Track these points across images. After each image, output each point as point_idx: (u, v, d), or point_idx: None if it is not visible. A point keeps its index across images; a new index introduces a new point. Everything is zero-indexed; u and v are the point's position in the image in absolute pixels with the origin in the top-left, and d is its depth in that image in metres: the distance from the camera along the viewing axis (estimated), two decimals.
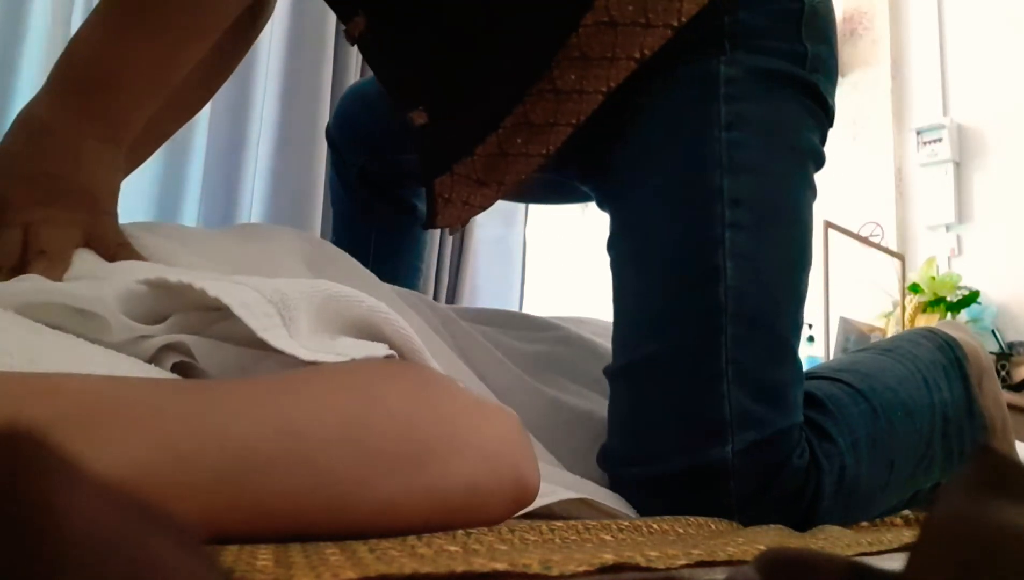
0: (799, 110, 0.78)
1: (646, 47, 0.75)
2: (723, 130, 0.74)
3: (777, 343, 0.73)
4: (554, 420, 0.80)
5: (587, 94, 0.77)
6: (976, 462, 0.19)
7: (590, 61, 0.77)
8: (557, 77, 0.78)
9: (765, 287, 0.72)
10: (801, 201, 0.78)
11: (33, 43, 1.42)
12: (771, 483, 0.69)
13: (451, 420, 0.42)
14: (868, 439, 0.74)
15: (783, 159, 0.77)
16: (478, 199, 0.86)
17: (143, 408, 0.33)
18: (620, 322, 0.78)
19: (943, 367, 0.86)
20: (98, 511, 0.13)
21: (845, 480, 0.72)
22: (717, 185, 0.73)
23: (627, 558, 0.33)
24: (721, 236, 0.72)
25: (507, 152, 0.82)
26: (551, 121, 0.79)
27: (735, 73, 0.75)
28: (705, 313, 0.71)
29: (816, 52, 0.79)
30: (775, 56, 0.77)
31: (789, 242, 0.76)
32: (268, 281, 0.43)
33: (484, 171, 0.84)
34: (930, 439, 0.81)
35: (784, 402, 0.71)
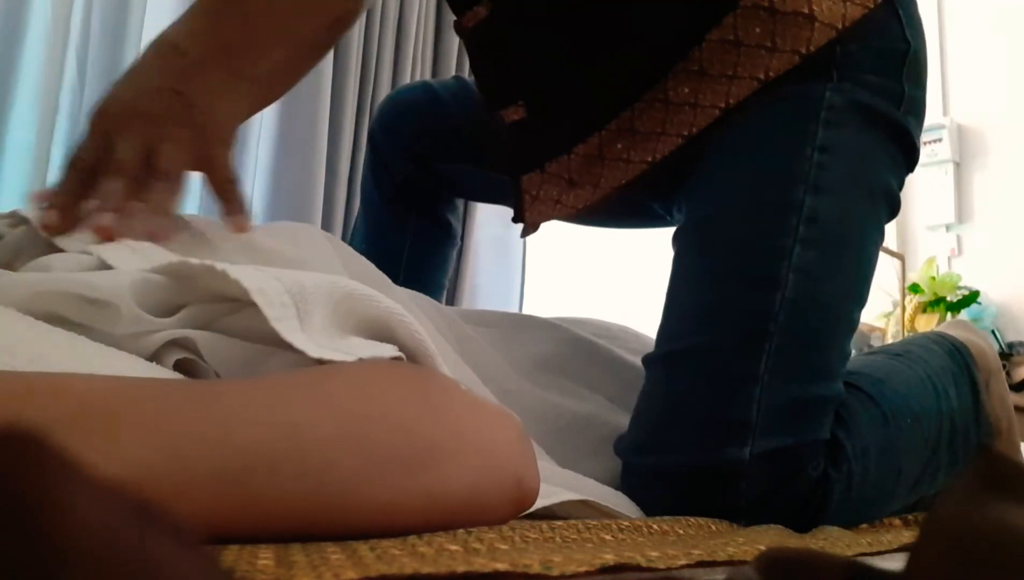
0: (888, 153, 0.79)
1: (771, 69, 0.76)
2: (816, 151, 0.75)
3: (820, 363, 0.73)
4: (555, 425, 0.80)
5: (702, 108, 0.78)
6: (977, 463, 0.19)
7: (706, 76, 0.77)
8: (670, 88, 0.78)
9: (820, 307, 0.73)
10: (871, 238, 0.79)
11: (33, 43, 1.42)
12: (781, 489, 0.69)
13: (453, 422, 0.42)
14: (877, 446, 0.74)
15: (863, 193, 0.78)
16: (571, 199, 0.86)
17: (144, 408, 0.33)
18: (670, 311, 0.78)
19: (952, 373, 0.86)
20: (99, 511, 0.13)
21: (852, 487, 0.72)
22: (798, 199, 0.73)
23: (628, 558, 0.33)
24: (790, 248, 0.72)
25: (605, 156, 0.83)
26: (658, 130, 0.80)
27: (838, 101, 0.76)
28: (755, 316, 0.71)
29: (912, 94, 0.79)
30: (876, 93, 0.78)
31: (852, 270, 0.76)
32: (289, 272, 0.43)
33: (578, 171, 0.84)
34: (936, 445, 0.81)
35: (814, 418, 0.71)
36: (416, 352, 0.44)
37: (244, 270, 0.41)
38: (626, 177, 0.83)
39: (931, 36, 3.15)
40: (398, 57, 2.18)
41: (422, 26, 2.25)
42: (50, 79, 1.44)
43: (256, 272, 0.41)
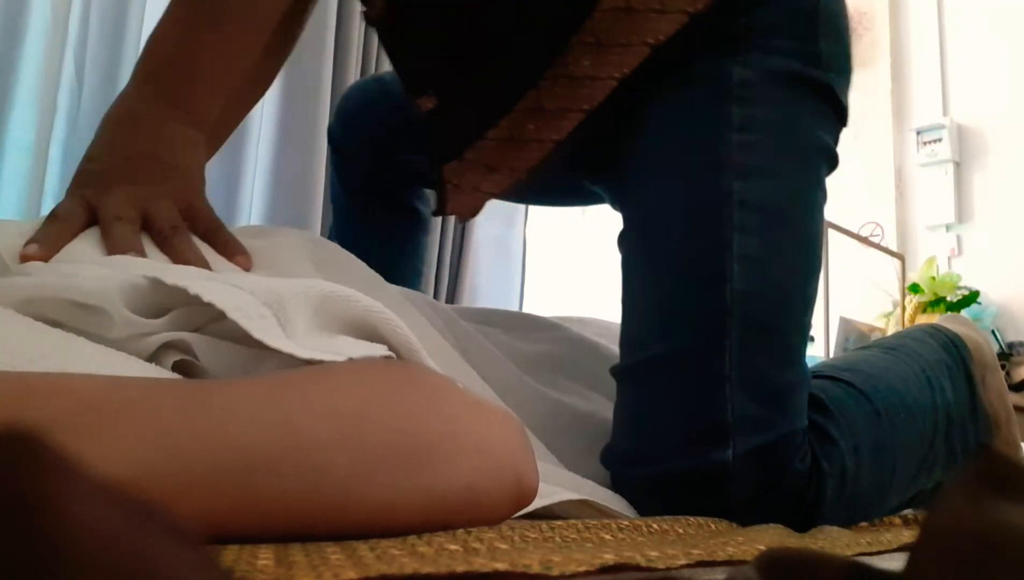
0: (813, 111, 0.78)
1: (660, 32, 0.75)
2: (735, 132, 0.74)
3: (783, 347, 0.72)
4: (555, 421, 0.80)
5: (600, 80, 0.77)
6: (976, 462, 0.19)
7: (604, 47, 0.76)
8: (571, 62, 0.77)
9: (772, 291, 0.72)
10: (811, 206, 0.77)
11: (33, 43, 1.42)
12: (772, 487, 0.69)
13: (450, 420, 0.42)
14: (871, 442, 0.74)
15: (794, 163, 0.76)
16: (487, 185, 0.86)
17: (143, 408, 0.33)
18: (628, 320, 0.78)
19: (947, 367, 0.86)
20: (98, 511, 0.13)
21: (847, 484, 0.71)
22: (727, 187, 0.73)
23: (627, 558, 0.33)
24: (729, 239, 0.72)
25: (518, 138, 0.82)
26: (563, 107, 0.79)
27: (749, 75, 0.75)
28: (710, 315, 0.71)
29: (830, 50, 0.78)
30: (789, 56, 0.76)
31: (798, 247, 0.76)
32: (263, 282, 0.43)
33: (495, 156, 0.84)
34: (932, 440, 0.81)
35: (788, 406, 0.71)
36: (400, 348, 0.44)
37: (217, 289, 0.40)
38: (537, 157, 0.82)
39: (931, 36, 3.17)
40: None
41: None
42: (49, 79, 1.44)
43: (227, 289, 0.41)
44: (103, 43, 1.56)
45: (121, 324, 0.42)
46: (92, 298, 0.42)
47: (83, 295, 0.42)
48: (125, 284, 0.43)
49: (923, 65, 3.14)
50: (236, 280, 0.43)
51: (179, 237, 0.58)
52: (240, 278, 0.44)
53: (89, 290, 0.42)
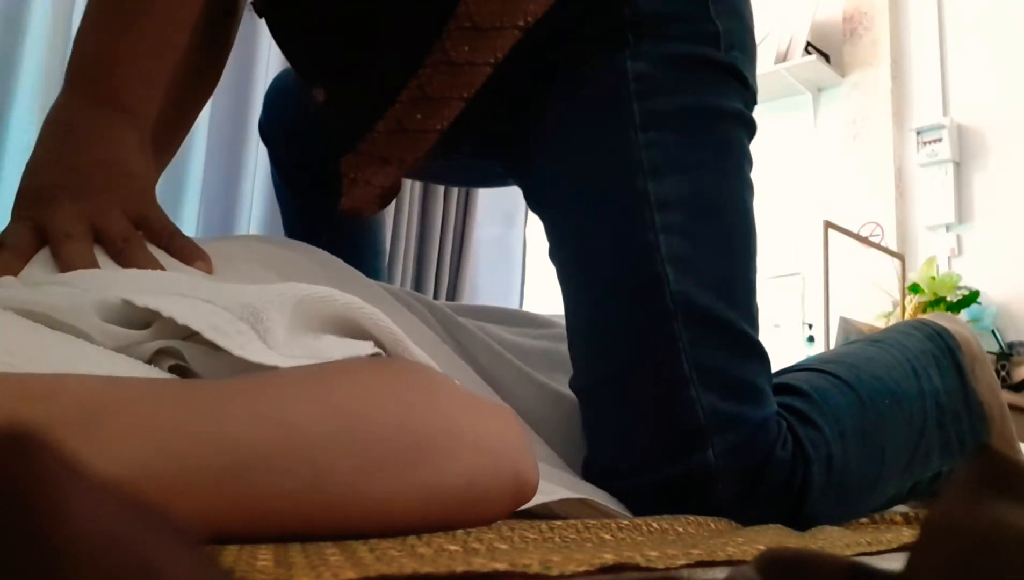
0: (716, 90, 0.76)
1: (529, 14, 0.73)
2: (639, 131, 0.72)
3: (736, 338, 0.71)
4: (556, 412, 0.80)
5: (477, 66, 0.75)
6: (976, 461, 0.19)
7: (481, 31, 0.74)
8: (450, 48, 0.75)
9: (710, 285, 0.71)
10: (735, 187, 0.75)
11: (33, 43, 1.42)
12: (758, 479, 0.68)
13: (447, 416, 0.42)
14: (856, 429, 0.74)
15: (707, 149, 0.74)
16: (380, 178, 0.84)
17: (141, 408, 0.33)
18: (575, 337, 0.77)
19: (933, 356, 0.86)
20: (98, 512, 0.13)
21: (834, 469, 0.71)
22: (642, 190, 0.71)
23: (627, 558, 0.33)
24: (655, 242, 0.70)
25: (407, 128, 0.79)
26: (446, 95, 0.77)
27: (643, 68, 0.73)
28: (656, 322, 0.70)
29: (728, 28, 0.76)
30: (684, 40, 0.74)
31: (727, 234, 0.74)
32: (234, 292, 0.42)
33: (386, 148, 0.81)
34: (923, 427, 0.80)
35: (755, 395, 0.71)
36: (385, 341, 0.44)
37: (190, 309, 0.40)
38: (424, 148, 0.80)
39: (931, 36, 3.17)
40: None
41: None
42: (50, 80, 1.44)
43: (202, 305, 0.40)
44: None
45: (100, 337, 0.41)
46: (65, 314, 0.41)
47: (56, 311, 0.41)
48: (98, 301, 0.43)
49: (923, 65, 3.14)
50: (208, 294, 0.42)
51: (133, 248, 0.56)
52: (211, 292, 0.43)
53: (61, 306, 0.42)
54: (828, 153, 3.26)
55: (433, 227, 2.15)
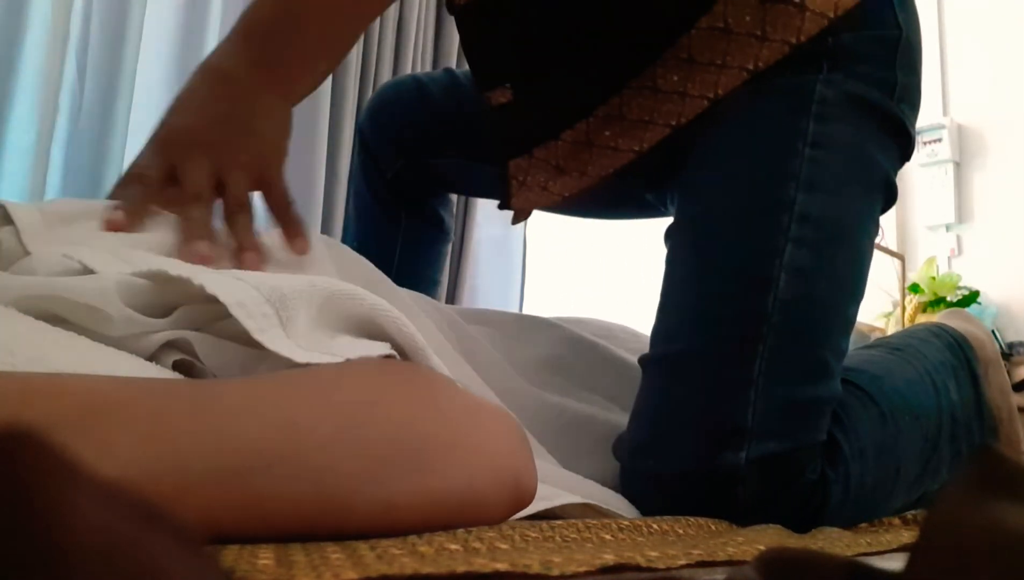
0: (880, 143, 0.78)
1: (761, 60, 0.75)
2: (808, 146, 0.74)
3: (815, 362, 0.72)
4: (556, 423, 0.80)
5: (691, 97, 0.77)
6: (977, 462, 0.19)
7: (696, 65, 0.76)
8: (659, 76, 0.77)
9: (814, 306, 0.72)
10: (865, 233, 0.77)
11: (33, 43, 1.42)
12: (779, 492, 0.68)
13: (450, 420, 0.42)
14: (875, 446, 0.74)
15: (857, 188, 0.76)
16: (558, 186, 0.85)
17: (143, 408, 0.33)
18: (664, 312, 0.77)
19: (952, 368, 0.85)
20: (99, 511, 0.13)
21: (851, 488, 0.71)
22: (790, 197, 0.73)
23: (627, 558, 0.33)
24: (782, 248, 0.72)
25: (594, 142, 0.81)
26: (646, 119, 0.79)
27: (829, 94, 0.75)
28: (748, 319, 0.71)
29: (905, 82, 0.78)
30: (868, 83, 0.76)
31: (847, 267, 0.76)
32: (268, 278, 0.42)
33: (566, 158, 0.83)
34: (937, 442, 0.80)
35: (810, 421, 0.71)
36: (406, 347, 0.44)
37: (222, 282, 0.40)
38: (614, 165, 0.82)
39: (931, 36, 3.16)
40: (398, 56, 2.18)
41: (422, 25, 2.24)
42: (50, 80, 1.44)
43: (234, 282, 0.41)
44: (105, 44, 1.56)
45: (121, 322, 0.41)
46: (89, 297, 0.42)
47: (80, 294, 0.42)
48: (124, 283, 0.43)
49: (923, 65, 3.14)
50: (240, 273, 0.43)
51: (241, 216, 0.60)
52: (244, 273, 0.44)
53: (84, 289, 0.42)
54: None
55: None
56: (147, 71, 1.63)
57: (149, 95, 1.63)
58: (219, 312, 0.42)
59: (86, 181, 1.51)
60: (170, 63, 1.71)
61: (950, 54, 3.08)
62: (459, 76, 1.04)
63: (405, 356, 0.44)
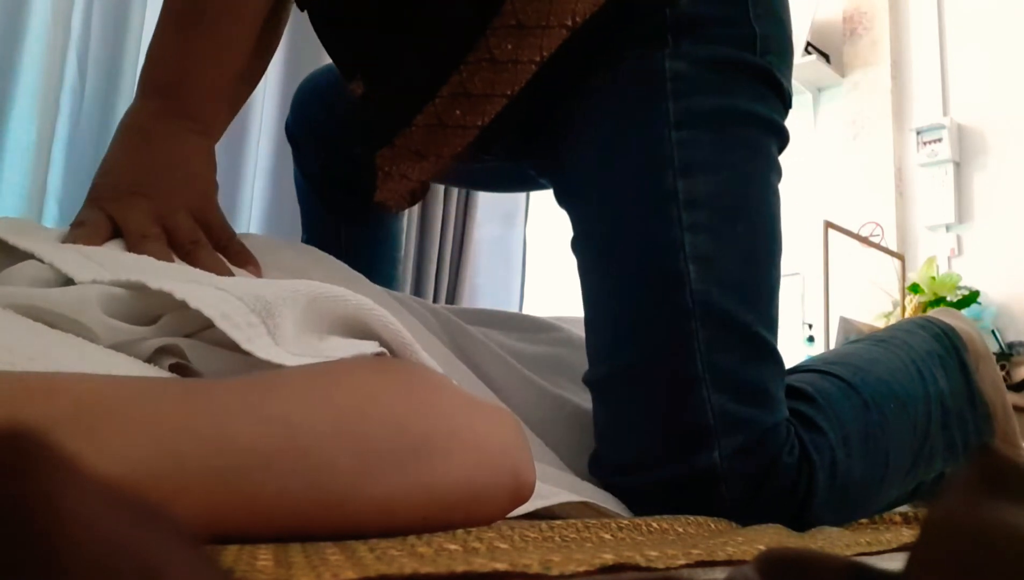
0: (751, 95, 0.76)
1: (578, 14, 0.74)
2: (673, 129, 0.73)
3: (752, 341, 0.71)
4: (557, 416, 0.80)
5: (521, 64, 0.75)
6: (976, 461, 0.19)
7: (526, 29, 0.75)
8: (494, 46, 0.76)
9: (731, 287, 0.71)
10: (762, 192, 0.76)
11: (33, 43, 1.42)
12: (762, 483, 0.68)
13: (447, 417, 0.42)
14: (860, 433, 0.74)
15: (738, 151, 0.75)
16: (416, 172, 0.84)
17: (141, 407, 0.33)
18: (592, 330, 0.77)
19: (939, 356, 0.85)
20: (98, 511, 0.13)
21: (838, 474, 0.71)
22: (671, 187, 0.71)
23: (627, 558, 0.33)
24: (680, 239, 0.71)
25: (446, 123, 0.80)
26: (488, 92, 0.77)
27: (681, 67, 0.74)
28: (674, 319, 0.70)
29: (766, 33, 0.77)
30: (722, 43, 0.75)
31: (752, 237, 0.74)
32: (250, 285, 0.42)
33: (423, 143, 0.82)
34: (927, 430, 0.80)
35: (767, 400, 0.70)
36: (393, 343, 0.44)
37: (204, 294, 0.40)
38: (462, 143, 0.81)
39: (931, 36, 3.17)
40: None
41: None
42: (50, 79, 1.44)
43: (216, 293, 0.40)
44: (106, 43, 1.56)
45: (103, 332, 0.41)
46: (69, 310, 0.41)
47: (59, 306, 0.42)
48: (104, 294, 0.43)
49: (923, 65, 3.14)
50: (222, 283, 0.43)
51: (201, 250, 0.62)
52: (226, 281, 0.43)
53: (66, 301, 0.42)
54: (828, 153, 3.26)
55: (433, 227, 2.14)
56: None
57: None
58: (205, 319, 0.41)
59: (86, 181, 1.50)
60: None
61: (950, 54, 3.08)
62: None
63: (394, 353, 0.44)
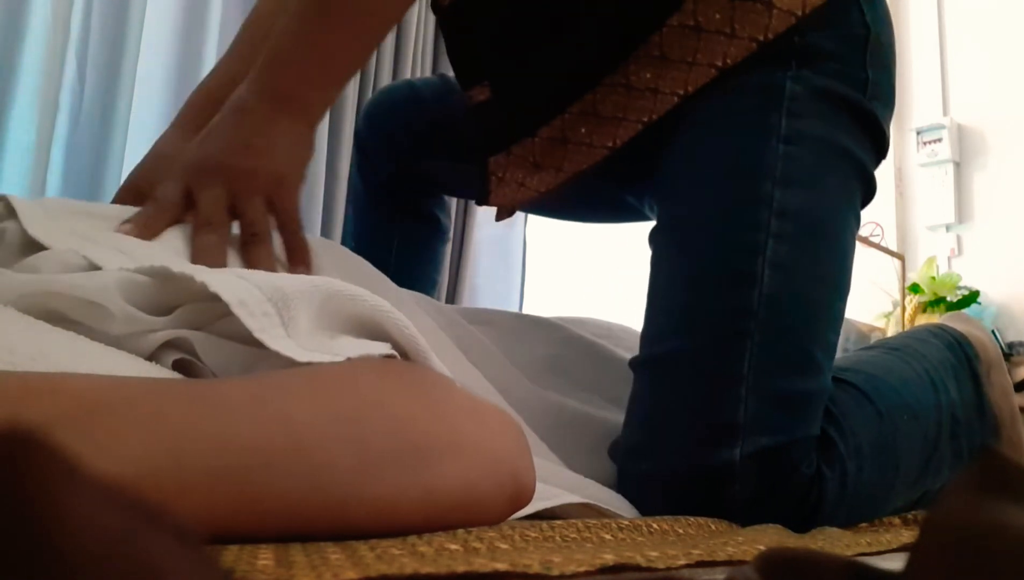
0: (855, 136, 0.79)
1: (729, 57, 0.77)
2: (781, 142, 0.75)
3: (804, 357, 0.72)
4: (556, 422, 0.80)
5: (662, 94, 0.78)
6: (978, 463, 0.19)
7: (668, 62, 0.78)
8: (632, 73, 0.79)
9: (799, 299, 0.73)
10: (845, 224, 0.78)
11: (33, 43, 1.42)
12: (775, 488, 0.69)
13: (449, 420, 0.42)
14: (872, 444, 0.74)
15: (833, 180, 0.77)
16: (535, 182, 0.87)
17: (142, 408, 0.33)
18: (651, 313, 0.78)
19: (952, 366, 0.86)
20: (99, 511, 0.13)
21: (848, 484, 0.71)
22: (768, 193, 0.73)
23: (627, 558, 0.33)
24: (764, 243, 0.72)
25: (569, 139, 0.83)
26: (619, 116, 0.80)
27: (799, 90, 0.76)
28: (735, 315, 0.71)
29: (876, 79, 0.79)
30: (837, 79, 0.78)
31: (829, 261, 0.76)
32: (271, 277, 0.42)
33: (542, 154, 0.85)
34: (937, 441, 0.80)
35: (801, 413, 0.71)
36: (407, 348, 0.44)
37: (224, 281, 0.40)
38: (588, 162, 0.83)
39: (931, 36, 3.17)
40: (398, 57, 2.18)
41: (422, 26, 2.25)
42: (50, 79, 1.44)
43: (236, 281, 0.41)
44: (105, 43, 1.56)
45: (122, 319, 0.42)
46: (90, 294, 0.42)
47: (81, 290, 0.42)
48: (125, 280, 0.43)
49: (923, 65, 3.14)
50: (243, 272, 0.43)
51: (257, 245, 0.64)
52: (247, 271, 0.44)
53: (85, 286, 0.42)
54: None
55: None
56: (147, 71, 1.63)
57: (149, 95, 1.63)
58: (220, 311, 0.41)
59: (86, 181, 1.51)
60: (170, 63, 1.71)
61: (950, 54, 3.08)
62: (451, 80, 1.06)
63: (406, 357, 0.44)
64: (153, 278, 0.44)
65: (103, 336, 0.41)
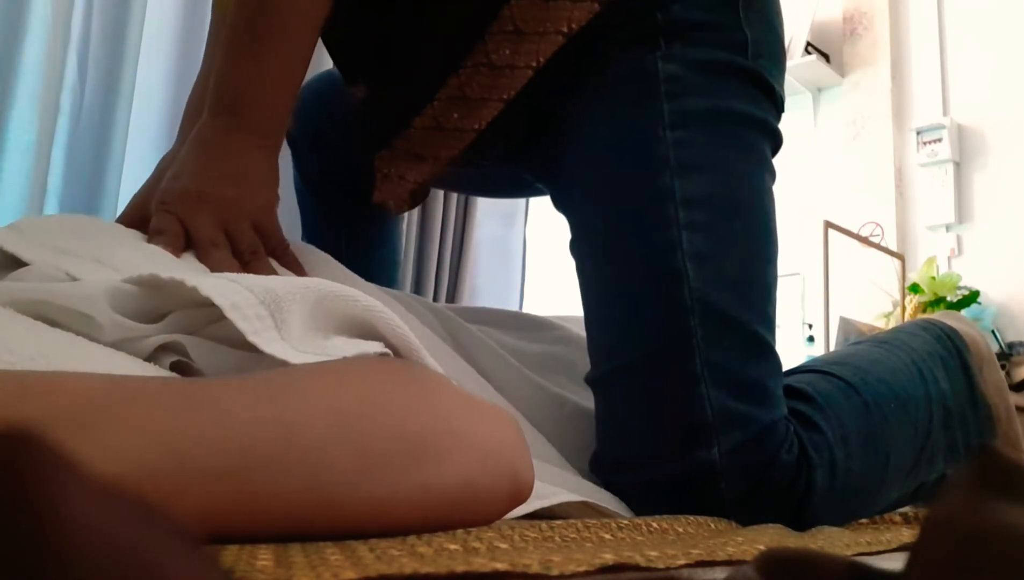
0: (744, 97, 0.77)
1: (573, 21, 0.75)
2: (668, 129, 0.73)
3: (750, 338, 0.72)
4: (557, 415, 0.80)
5: (518, 69, 0.77)
6: (977, 461, 0.19)
7: (523, 35, 0.76)
8: (492, 51, 0.78)
9: (729, 284, 0.72)
10: (757, 191, 0.76)
11: (33, 43, 1.42)
12: (761, 480, 0.69)
13: (446, 417, 0.42)
14: (860, 432, 0.74)
15: (733, 151, 0.76)
16: (414, 174, 0.86)
17: (141, 407, 0.33)
18: (592, 329, 0.77)
19: (941, 358, 0.86)
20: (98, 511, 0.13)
21: (837, 473, 0.71)
22: (668, 187, 0.72)
23: (627, 558, 0.33)
24: (678, 238, 0.71)
25: (444, 126, 0.82)
26: (485, 96, 0.79)
27: (674, 69, 0.75)
28: (672, 317, 0.71)
29: (757, 38, 0.77)
30: (714, 47, 0.76)
31: (749, 236, 0.75)
32: (262, 279, 0.42)
33: (421, 145, 0.84)
34: (928, 431, 0.80)
35: (765, 397, 0.71)
36: (400, 347, 0.44)
37: (216, 284, 0.40)
38: (459, 147, 0.82)
39: (931, 36, 3.17)
40: None
41: None
42: (50, 79, 1.44)
43: (227, 284, 0.41)
44: (105, 44, 1.56)
45: (110, 328, 0.41)
46: (77, 304, 0.42)
47: (69, 300, 0.42)
48: (114, 290, 0.43)
49: (923, 65, 3.14)
50: (234, 275, 0.43)
51: (259, 261, 0.67)
52: (238, 274, 0.44)
53: (74, 295, 0.42)
54: (828, 153, 3.26)
55: (433, 227, 2.14)
56: (147, 71, 1.63)
57: (149, 95, 1.63)
58: (211, 316, 0.41)
59: (86, 181, 1.51)
60: (170, 63, 1.71)
61: (950, 54, 3.08)
62: None
63: (399, 355, 0.44)
64: (141, 287, 0.43)
65: (98, 341, 0.41)
